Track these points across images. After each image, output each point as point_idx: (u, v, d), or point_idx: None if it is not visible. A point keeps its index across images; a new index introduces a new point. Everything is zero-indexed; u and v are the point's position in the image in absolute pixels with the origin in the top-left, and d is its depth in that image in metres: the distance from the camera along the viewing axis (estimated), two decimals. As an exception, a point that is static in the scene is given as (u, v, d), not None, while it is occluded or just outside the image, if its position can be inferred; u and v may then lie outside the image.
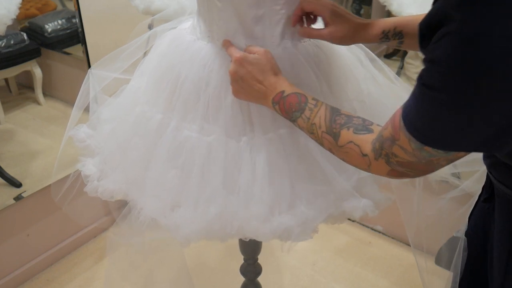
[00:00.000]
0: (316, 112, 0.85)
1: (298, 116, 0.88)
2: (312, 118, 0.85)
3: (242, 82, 0.93)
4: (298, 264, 2.16)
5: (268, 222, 0.98)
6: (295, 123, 0.89)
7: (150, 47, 1.22)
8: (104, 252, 2.26)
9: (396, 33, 0.98)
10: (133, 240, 1.13)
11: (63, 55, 2.32)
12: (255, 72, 0.92)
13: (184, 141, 1.03)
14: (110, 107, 1.25)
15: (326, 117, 0.84)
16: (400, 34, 0.97)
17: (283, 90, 0.90)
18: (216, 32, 1.02)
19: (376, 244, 2.27)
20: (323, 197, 1.01)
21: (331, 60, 1.10)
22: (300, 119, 0.87)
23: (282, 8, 0.99)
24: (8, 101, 2.24)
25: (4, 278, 2.03)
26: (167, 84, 1.07)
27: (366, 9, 2.57)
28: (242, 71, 0.93)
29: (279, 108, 0.91)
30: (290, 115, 0.89)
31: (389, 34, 0.98)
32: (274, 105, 0.91)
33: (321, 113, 0.85)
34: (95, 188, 1.14)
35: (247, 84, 0.93)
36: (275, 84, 0.91)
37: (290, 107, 0.88)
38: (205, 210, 0.99)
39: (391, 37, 0.98)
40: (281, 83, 0.91)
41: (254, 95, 0.94)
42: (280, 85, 0.91)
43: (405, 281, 2.05)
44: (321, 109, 0.85)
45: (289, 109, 0.89)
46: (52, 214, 2.13)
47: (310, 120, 0.86)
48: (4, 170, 2.05)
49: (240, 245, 1.44)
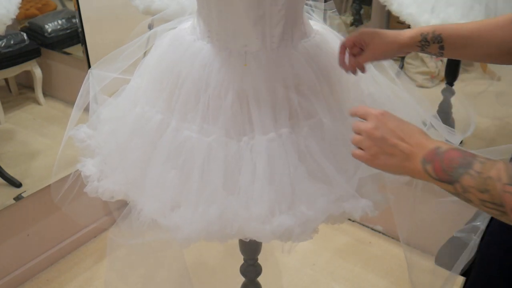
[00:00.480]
0: (492, 164, 0.70)
1: (462, 172, 0.72)
2: (486, 171, 0.70)
3: (382, 143, 0.79)
4: (298, 264, 2.16)
5: (269, 223, 0.98)
6: (456, 184, 0.73)
7: (150, 47, 1.22)
8: (104, 252, 2.25)
9: (435, 36, 0.97)
10: (133, 241, 1.13)
11: (63, 55, 2.32)
12: (399, 129, 0.79)
13: (184, 142, 1.03)
14: (110, 107, 1.25)
15: (509, 168, 0.69)
16: (439, 38, 0.97)
17: (438, 146, 0.76)
18: (215, 32, 1.02)
19: (376, 244, 2.27)
20: (324, 198, 1.01)
21: (332, 61, 1.10)
22: (467, 176, 0.71)
23: (281, 8, 0.99)
24: (8, 101, 2.24)
25: (4, 278, 2.03)
26: (167, 84, 1.07)
27: (366, 9, 2.57)
28: (383, 128, 0.79)
29: (432, 168, 0.75)
30: (449, 173, 0.73)
31: (427, 37, 0.98)
32: (425, 165, 0.75)
33: (499, 165, 0.70)
34: (95, 188, 1.14)
35: (389, 144, 0.79)
36: (425, 142, 0.77)
37: (451, 163, 0.73)
38: (205, 211, 0.99)
39: (430, 40, 0.98)
40: (431, 140, 0.78)
41: (397, 157, 0.79)
42: (432, 142, 0.77)
43: (405, 281, 2.05)
44: (496, 162, 0.71)
45: (448, 166, 0.73)
46: (52, 214, 2.13)
47: (483, 174, 0.70)
48: (4, 170, 2.05)
49: (240, 245, 1.43)
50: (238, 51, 1.02)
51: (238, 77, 1.01)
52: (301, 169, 1.01)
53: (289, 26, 1.02)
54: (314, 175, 1.02)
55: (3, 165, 2.06)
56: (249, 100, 1.01)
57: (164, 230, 1.03)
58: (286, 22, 1.01)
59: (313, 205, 1.00)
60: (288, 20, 1.01)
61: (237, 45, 1.01)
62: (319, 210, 1.00)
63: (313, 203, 1.00)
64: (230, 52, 1.02)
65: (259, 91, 1.01)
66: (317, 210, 1.00)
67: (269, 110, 1.00)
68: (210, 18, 1.02)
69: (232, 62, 1.02)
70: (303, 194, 1.00)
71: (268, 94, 1.01)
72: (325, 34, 1.14)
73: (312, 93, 1.04)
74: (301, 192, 1.00)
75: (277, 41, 1.02)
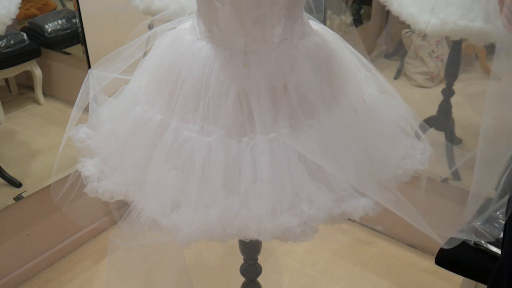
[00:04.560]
0: None
1: None
2: None
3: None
4: (298, 264, 2.16)
5: (269, 223, 0.97)
6: None
7: (150, 47, 1.22)
8: (104, 252, 2.26)
9: None
10: (134, 243, 1.13)
11: (63, 55, 2.32)
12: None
13: (184, 142, 1.03)
14: (110, 107, 1.25)
15: None
16: None
17: None
18: (215, 32, 1.02)
19: (376, 244, 2.27)
20: (324, 197, 1.01)
21: (331, 61, 1.10)
22: None
23: (282, 8, 0.99)
24: (8, 101, 2.24)
25: (4, 278, 2.03)
26: (167, 84, 1.07)
27: (366, 9, 2.57)
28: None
29: None
30: None
31: None
32: None
33: None
34: (95, 188, 1.14)
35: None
36: None
37: None
38: (206, 211, 0.99)
39: None
40: None
41: None
42: None
43: (405, 281, 2.05)
44: None
45: None
46: (52, 214, 2.13)
47: None
48: (4, 170, 2.05)
49: (240, 245, 1.43)
50: (238, 51, 1.02)
51: (238, 77, 1.01)
52: (301, 169, 1.01)
53: (289, 26, 1.02)
54: (314, 175, 1.02)
55: (3, 165, 2.06)
56: (249, 100, 1.01)
57: (164, 231, 1.03)
58: (286, 22, 1.00)
59: (313, 205, 1.00)
60: (289, 20, 1.01)
61: (237, 45, 1.01)
62: (319, 209, 1.00)
63: (314, 203, 1.00)
64: (230, 52, 1.02)
65: (259, 91, 1.01)
66: (317, 210, 1.00)
67: (269, 110, 1.00)
68: (210, 18, 1.02)
69: (232, 62, 1.02)
70: (304, 194, 1.00)
71: (268, 94, 1.01)
72: (325, 35, 1.14)
73: (312, 93, 1.04)
74: (302, 192, 1.00)
75: (277, 41, 1.02)
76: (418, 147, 1.19)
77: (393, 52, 2.62)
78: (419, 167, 1.15)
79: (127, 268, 1.37)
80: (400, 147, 1.18)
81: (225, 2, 0.97)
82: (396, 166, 1.14)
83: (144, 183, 1.06)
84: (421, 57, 2.46)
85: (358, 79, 1.17)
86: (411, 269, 2.11)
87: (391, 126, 1.19)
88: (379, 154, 1.12)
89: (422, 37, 2.43)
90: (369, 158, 1.08)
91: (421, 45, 2.46)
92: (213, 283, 2.08)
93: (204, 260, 2.18)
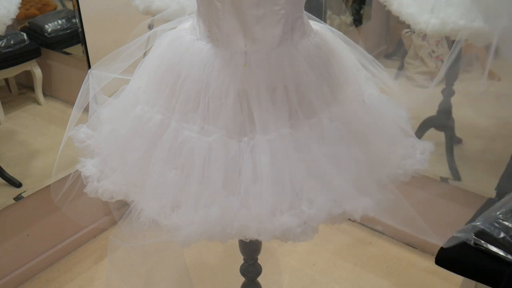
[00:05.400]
0: None
1: None
2: None
3: None
4: (298, 264, 2.16)
5: (269, 223, 0.97)
6: None
7: (150, 47, 1.22)
8: (104, 252, 2.26)
9: None
10: (134, 244, 1.13)
11: (63, 55, 2.32)
12: None
13: (184, 142, 1.03)
14: (110, 107, 1.25)
15: None
16: None
17: None
18: (215, 32, 1.02)
19: (376, 244, 2.27)
20: (324, 197, 1.01)
21: (331, 61, 1.10)
22: None
23: (282, 8, 0.99)
24: (8, 101, 2.24)
25: (4, 278, 2.03)
26: (167, 84, 1.07)
27: (366, 9, 2.57)
28: None
29: None
30: None
31: None
32: None
33: None
34: (95, 188, 1.14)
35: None
36: None
37: None
38: (206, 211, 0.98)
39: None
40: None
41: None
42: None
43: (405, 281, 2.05)
44: None
45: None
46: (52, 214, 2.13)
47: None
48: (4, 170, 2.05)
49: (240, 245, 1.43)
50: (238, 51, 1.02)
51: (238, 77, 1.01)
52: (301, 169, 1.01)
53: (289, 26, 1.02)
54: (315, 174, 1.02)
55: (3, 165, 2.06)
56: (249, 100, 1.01)
57: (164, 231, 1.03)
58: (286, 22, 1.00)
59: (313, 205, 1.00)
60: (288, 19, 1.01)
61: (237, 45, 1.01)
62: (319, 209, 1.00)
63: (314, 203, 1.00)
64: (230, 52, 1.02)
65: (259, 91, 1.01)
66: (317, 210, 1.00)
67: (269, 110, 1.00)
68: (210, 18, 1.02)
69: (232, 62, 1.02)
70: (304, 194, 1.00)
71: (268, 94, 1.01)
72: (325, 34, 1.14)
73: (312, 93, 1.04)
74: (302, 192, 1.00)
75: (277, 41, 1.02)
76: (418, 147, 1.19)
77: (393, 52, 2.62)
78: (419, 167, 1.15)
79: (127, 268, 1.37)
80: (400, 147, 1.18)
81: (225, 2, 0.97)
82: (396, 166, 1.14)
83: (144, 183, 1.06)
84: (421, 57, 2.46)
85: (358, 79, 1.17)
86: (411, 269, 2.11)
87: (391, 126, 1.19)
88: (379, 154, 1.12)
89: (422, 37, 2.43)
90: (369, 158, 1.08)
91: (421, 45, 2.46)
92: (213, 283, 2.08)
93: (204, 260, 2.18)
